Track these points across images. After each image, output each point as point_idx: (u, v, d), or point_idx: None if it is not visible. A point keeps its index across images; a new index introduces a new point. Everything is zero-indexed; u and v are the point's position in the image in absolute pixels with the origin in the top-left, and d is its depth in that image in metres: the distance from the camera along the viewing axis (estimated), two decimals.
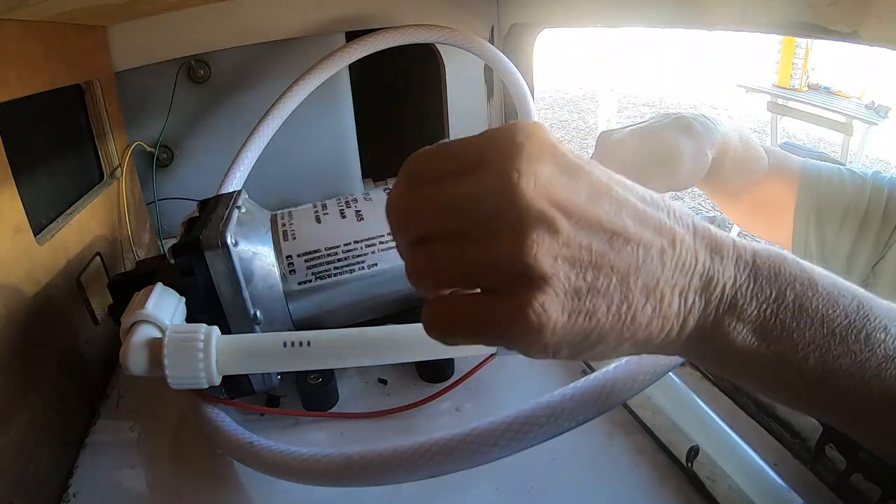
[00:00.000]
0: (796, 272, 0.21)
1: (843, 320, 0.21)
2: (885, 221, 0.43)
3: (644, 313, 0.20)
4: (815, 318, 0.21)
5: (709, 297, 0.21)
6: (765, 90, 2.71)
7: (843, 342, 0.21)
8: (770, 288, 0.21)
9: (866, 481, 0.32)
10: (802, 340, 0.21)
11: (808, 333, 0.21)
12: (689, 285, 0.21)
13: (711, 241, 0.21)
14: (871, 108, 2.39)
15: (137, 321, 0.34)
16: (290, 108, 0.61)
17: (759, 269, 0.21)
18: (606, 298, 0.20)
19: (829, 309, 0.21)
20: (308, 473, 0.33)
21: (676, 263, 0.20)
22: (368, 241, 0.44)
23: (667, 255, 0.20)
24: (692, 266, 0.21)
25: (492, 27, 0.80)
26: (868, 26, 0.35)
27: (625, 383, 0.30)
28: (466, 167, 0.19)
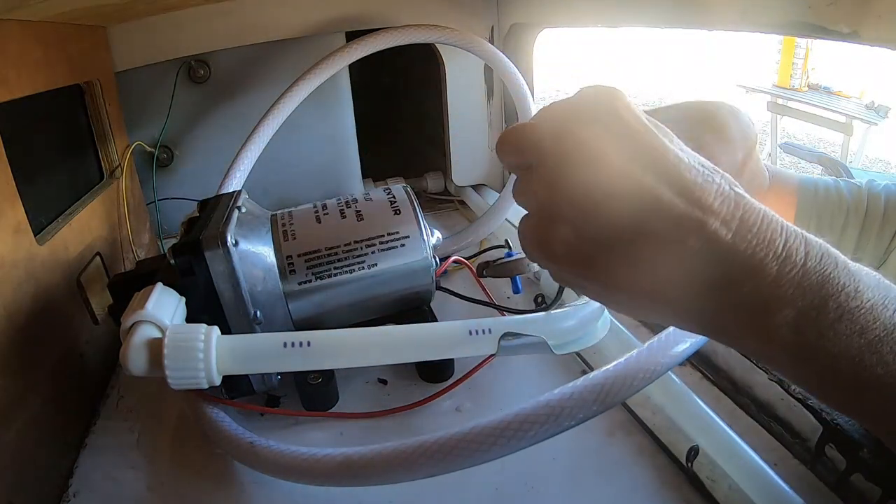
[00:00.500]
0: (845, 281, 0.21)
1: (881, 332, 0.20)
2: (883, 228, 0.44)
3: (647, 278, 0.21)
4: (854, 329, 0.21)
5: (735, 290, 0.21)
6: (765, 90, 2.71)
7: (876, 352, 0.20)
8: (814, 295, 0.21)
9: (866, 481, 0.32)
10: (837, 348, 0.21)
11: (844, 342, 0.21)
12: (714, 274, 0.21)
13: (760, 236, 0.21)
14: (871, 108, 2.40)
15: (137, 321, 0.34)
16: (290, 108, 0.61)
17: (808, 273, 0.21)
18: (607, 247, 0.22)
19: (869, 322, 0.21)
20: (308, 473, 0.33)
21: (703, 246, 0.21)
22: (368, 241, 0.44)
23: (688, 231, 0.21)
24: (720, 257, 0.21)
25: (492, 27, 0.80)
26: (868, 26, 0.35)
27: (624, 382, 0.30)
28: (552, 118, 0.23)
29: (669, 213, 0.21)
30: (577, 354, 0.48)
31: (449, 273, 0.61)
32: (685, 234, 0.21)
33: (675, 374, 0.40)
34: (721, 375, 0.44)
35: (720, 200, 0.21)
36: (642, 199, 0.21)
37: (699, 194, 0.21)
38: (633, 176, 0.21)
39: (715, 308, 0.21)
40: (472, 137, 0.84)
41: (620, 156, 0.21)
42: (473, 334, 0.35)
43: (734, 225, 0.21)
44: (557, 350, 0.34)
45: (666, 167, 0.21)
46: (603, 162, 0.21)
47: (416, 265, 0.45)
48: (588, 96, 0.23)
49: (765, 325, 0.21)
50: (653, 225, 0.21)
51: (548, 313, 0.37)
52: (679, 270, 0.21)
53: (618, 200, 0.21)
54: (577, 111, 0.22)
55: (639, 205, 0.21)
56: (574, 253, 0.22)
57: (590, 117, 0.22)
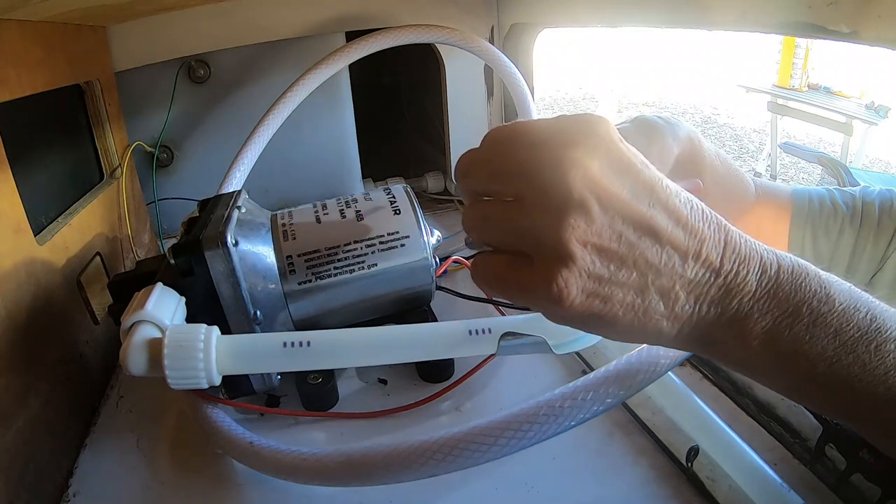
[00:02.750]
0: (816, 288, 0.22)
1: (854, 333, 0.22)
2: (879, 235, 0.44)
3: (656, 310, 0.22)
4: (829, 332, 0.22)
5: (725, 306, 0.22)
6: (765, 90, 2.71)
7: (852, 352, 0.22)
8: (788, 303, 0.22)
9: (866, 481, 0.32)
10: (813, 351, 0.22)
11: (820, 345, 0.22)
12: (707, 294, 0.22)
13: (740, 254, 0.22)
14: (871, 108, 2.39)
15: (137, 321, 0.34)
16: (290, 108, 0.61)
17: (781, 284, 0.22)
18: (623, 289, 0.22)
19: (842, 324, 0.22)
20: (308, 473, 0.33)
21: (698, 271, 0.22)
22: (368, 241, 0.44)
23: (690, 262, 0.22)
24: (712, 277, 0.22)
25: (492, 27, 0.80)
26: (868, 26, 0.35)
27: (624, 382, 0.30)
28: (535, 143, 0.22)
29: (672, 245, 0.22)
30: (577, 354, 0.48)
31: (449, 273, 0.62)
32: (685, 264, 0.22)
33: (675, 374, 0.40)
34: (721, 375, 0.44)
35: (708, 225, 0.22)
36: (647, 233, 0.22)
37: (693, 223, 0.22)
38: (640, 211, 0.21)
39: (708, 323, 0.23)
40: (472, 137, 0.84)
41: (626, 189, 0.21)
42: (473, 334, 0.35)
43: (721, 247, 0.22)
44: (557, 350, 0.34)
45: (662, 198, 0.22)
46: (613, 197, 0.21)
47: (416, 265, 0.45)
48: (579, 125, 0.22)
49: (747, 335, 0.22)
50: (657, 259, 0.22)
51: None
52: (684, 296, 0.22)
53: (627, 238, 0.21)
54: (571, 140, 0.21)
55: (646, 241, 0.22)
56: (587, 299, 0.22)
57: (593, 148, 0.21)
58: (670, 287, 0.22)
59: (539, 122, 0.23)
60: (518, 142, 0.22)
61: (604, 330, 0.23)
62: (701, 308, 0.22)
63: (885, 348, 0.22)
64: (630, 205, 0.21)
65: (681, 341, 0.24)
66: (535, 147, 0.22)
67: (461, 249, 0.65)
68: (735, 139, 4.07)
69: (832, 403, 0.24)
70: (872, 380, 0.22)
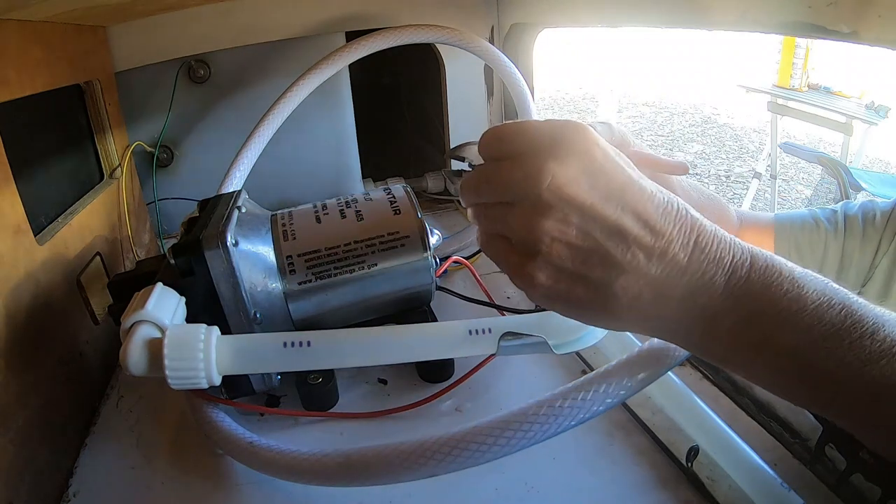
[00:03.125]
0: (788, 287, 0.23)
1: (828, 330, 0.23)
2: (864, 247, 0.46)
3: (619, 303, 0.24)
4: (799, 329, 0.23)
5: (691, 304, 0.24)
6: (765, 90, 2.70)
7: (825, 348, 0.23)
8: (757, 302, 0.23)
9: (866, 481, 0.32)
10: (784, 347, 0.23)
11: (791, 342, 0.23)
12: (672, 292, 0.24)
13: (709, 255, 0.24)
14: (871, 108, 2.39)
15: (137, 321, 0.34)
16: (290, 109, 0.61)
17: (752, 283, 0.24)
18: (585, 281, 0.25)
19: (814, 321, 0.23)
20: (308, 473, 0.33)
21: (664, 270, 0.24)
22: (368, 241, 0.44)
23: (655, 262, 0.24)
24: (679, 275, 0.24)
25: (492, 27, 0.80)
26: (868, 26, 0.35)
27: (623, 381, 0.30)
28: (514, 153, 0.25)
29: (638, 245, 0.24)
30: (577, 354, 0.48)
31: (449, 273, 0.61)
32: (650, 264, 0.24)
33: (675, 374, 0.40)
34: (721, 375, 0.44)
35: (678, 227, 0.24)
36: (614, 234, 0.24)
37: (661, 225, 0.24)
38: (607, 214, 0.24)
39: (679, 318, 0.24)
40: (472, 138, 0.83)
41: (596, 194, 0.24)
42: (473, 334, 0.35)
43: (690, 248, 0.24)
44: (557, 350, 0.34)
45: (632, 202, 0.24)
46: (581, 203, 0.24)
47: (416, 265, 0.45)
48: (560, 133, 0.24)
49: (715, 330, 0.24)
50: (623, 258, 0.24)
51: (548, 313, 0.37)
52: (647, 291, 0.24)
53: (595, 238, 0.24)
54: (547, 150, 0.24)
55: (613, 241, 0.24)
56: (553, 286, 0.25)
57: (565, 156, 0.24)
58: (634, 283, 0.24)
59: (523, 130, 0.25)
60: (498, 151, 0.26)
61: (573, 314, 0.27)
62: (667, 304, 0.24)
63: (860, 344, 0.22)
64: (598, 208, 0.24)
65: (650, 332, 0.26)
66: (518, 158, 0.25)
67: (461, 249, 0.65)
68: (735, 139, 4.07)
69: (811, 397, 0.24)
70: (849, 374, 0.22)
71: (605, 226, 0.24)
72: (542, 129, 0.25)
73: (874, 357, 0.22)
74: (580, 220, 0.24)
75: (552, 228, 0.24)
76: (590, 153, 0.24)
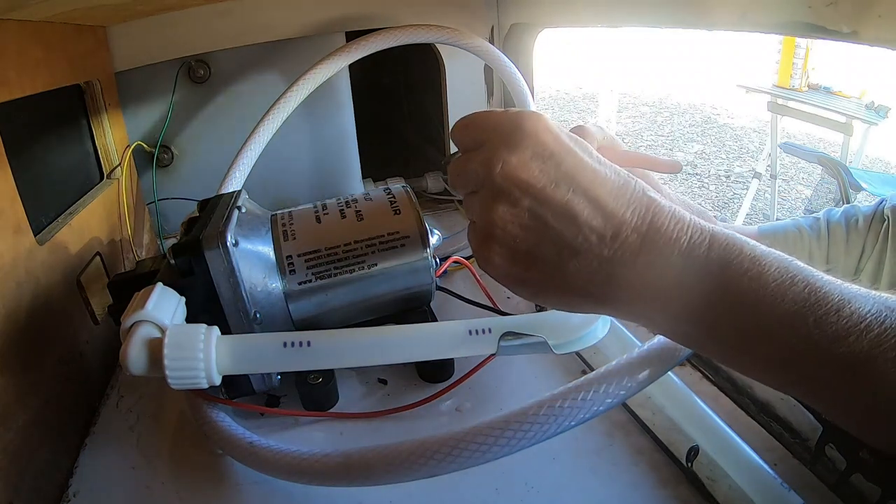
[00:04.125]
0: (748, 266, 0.23)
1: (790, 307, 0.23)
2: (849, 252, 0.47)
3: (575, 282, 0.25)
4: (761, 308, 0.23)
5: (646, 283, 0.24)
6: (765, 90, 2.70)
7: (790, 326, 0.22)
8: (715, 281, 0.23)
9: (866, 481, 0.32)
10: (747, 326, 0.23)
11: (753, 321, 0.23)
12: (626, 272, 0.24)
13: (664, 235, 0.24)
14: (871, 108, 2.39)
15: (137, 321, 0.34)
16: (290, 108, 0.61)
17: (710, 263, 0.24)
18: (541, 261, 0.26)
19: (776, 299, 0.23)
20: (307, 473, 0.33)
21: (616, 251, 0.24)
22: (368, 241, 0.44)
23: (607, 243, 0.24)
24: (631, 256, 0.24)
25: (492, 27, 0.80)
26: (868, 26, 0.35)
27: (622, 381, 0.30)
28: (477, 142, 0.27)
29: (588, 228, 0.24)
30: (577, 354, 0.48)
31: (449, 273, 0.61)
32: (602, 245, 0.24)
33: (675, 374, 0.40)
34: (721, 375, 0.44)
35: (632, 209, 0.24)
36: (565, 216, 0.24)
37: (613, 207, 0.24)
38: (557, 197, 0.24)
39: (638, 299, 0.25)
40: None
41: (545, 178, 0.25)
42: (473, 334, 0.35)
43: (644, 229, 0.24)
44: (557, 350, 0.34)
45: (584, 184, 0.25)
46: (530, 186, 0.25)
47: (416, 265, 0.45)
48: (513, 122, 0.26)
49: (675, 310, 0.24)
50: (574, 239, 0.24)
51: (547, 313, 0.37)
52: (601, 273, 0.25)
53: (546, 220, 0.25)
54: (500, 139, 0.25)
55: (563, 223, 0.25)
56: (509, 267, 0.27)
57: (516, 143, 0.25)
58: (588, 264, 0.25)
59: (483, 120, 0.27)
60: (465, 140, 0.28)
61: (532, 296, 0.28)
62: (621, 283, 0.25)
63: (826, 320, 0.22)
64: (548, 191, 0.24)
65: (615, 314, 0.27)
66: (478, 147, 0.27)
67: (461, 249, 0.65)
68: (735, 139, 4.07)
69: (780, 377, 0.24)
70: (816, 351, 0.22)
71: (555, 208, 0.24)
72: (500, 118, 0.26)
73: (841, 334, 0.22)
74: (531, 203, 0.25)
75: (505, 212, 0.25)
76: (540, 139, 0.25)
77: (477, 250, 0.28)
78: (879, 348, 0.22)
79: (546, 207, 0.25)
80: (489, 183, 0.26)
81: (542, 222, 0.25)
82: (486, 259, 0.27)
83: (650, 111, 4.76)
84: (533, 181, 0.25)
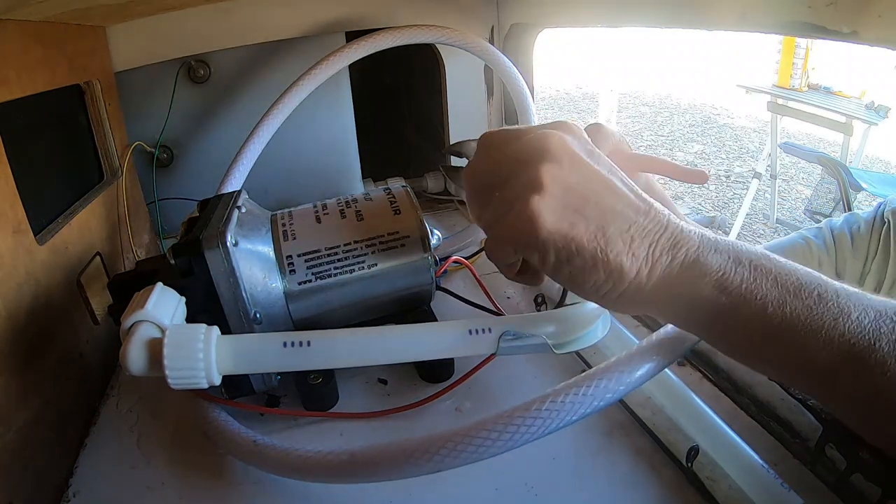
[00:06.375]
0: (753, 249, 0.26)
1: (796, 280, 0.25)
2: (856, 255, 0.49)
3: (615, 244, 0.26)
4: (770, 276, 0.25)
5: (675, 254, 0.26)
6: (765, 90, 2.70)
7: (797, 297, 0.24)
8: (729, 253, 0.26)
9: (866, 481, 0.32)
10: (760, 291, 0.25)
11: (765, 286, 0.25)
12: (658, 242, 0.27)
13: (681, 219, 0.27)
14: (871, 108, 2.39)
15: (137, 321, 0.34)
16: (289, 109, 0.61)
17: (719, 242, 0.27)
18: (587, 220, 0.27)
19: (781, 273, 0.25)
20: (313, 470, 0.33)
21: (648, 222, 0.27)
22: (368, 241, 0.44)
23: (640, 214, 0.27)
24: (662, 228, 0.27)
25: (492, 27, 0.80)
26: (868, 26, 0.35)
27: (621, 378, 0.30)
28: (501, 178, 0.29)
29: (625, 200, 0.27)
30: (577, 354, 0.48)
31: (449, 273, 0.61)
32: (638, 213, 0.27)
33: (675, 375, 0.40)
34: (721, 375, 0.44)
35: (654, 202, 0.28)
36: (608, 188, 0.27)
37: (643, 195, 0.27)
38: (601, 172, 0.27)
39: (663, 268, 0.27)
40: (472, 137, 0.84)
41: (589, 156, 0.28)
42: (473, 334, 0.35)
43: (667, 213, 0.27)
44: (557, 350, 0.34)
45: (619, 174, 0.28)
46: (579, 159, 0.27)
47: (416, 265, 0.45)
48: (542, 139, 0.28)
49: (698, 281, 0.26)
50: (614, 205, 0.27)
51: (547, 313, 0.37)
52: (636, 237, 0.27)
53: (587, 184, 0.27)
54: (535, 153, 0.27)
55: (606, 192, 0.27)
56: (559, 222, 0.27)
57: (563, 129, 0.28)
58: (626, 229, 0.26)
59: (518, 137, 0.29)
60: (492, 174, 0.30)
61: (572, 261, 0.27)
62: (654, 252, 0.26)
63: (827, 296, 0.24)
64: (592, 167, 0.27)
65: (641, 288, 0.27)
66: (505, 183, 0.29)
67: (461, 249, 0.65)
68: (735, 139, 4.07)
69: (784, 359, 0.25)
70: (820, 327, 0.23)
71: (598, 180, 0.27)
72: (520, 147, 0.29)
73: (844, 311, 0.24)
74: (580, 170, 0.27)
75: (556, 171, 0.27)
76: (581, 134, 0.29)
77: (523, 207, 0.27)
78: (880, 329, 0.23)
79: (593, 176, 0.27)
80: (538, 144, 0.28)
81: (587, 186, 0.27)
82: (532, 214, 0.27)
83: (650, 111, 4.76)
84: (582, 154, 0.28)
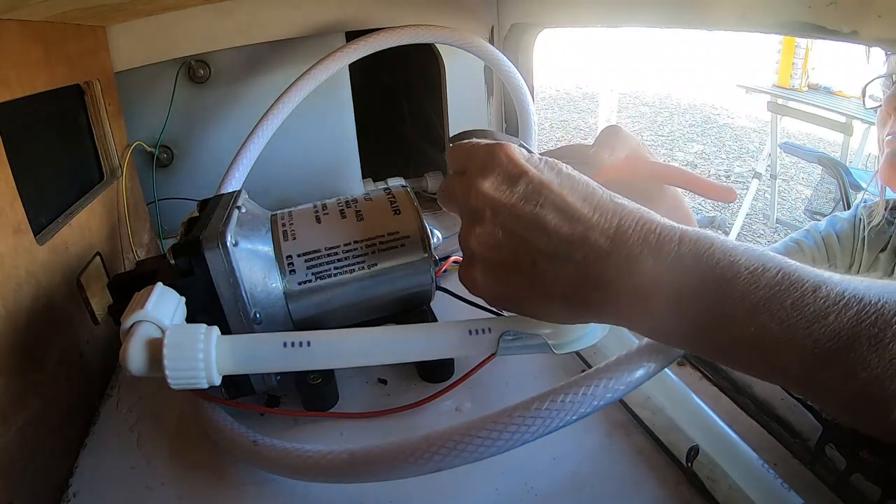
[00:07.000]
0: (719, 257, 0.24)
1: (765, 293, 0.23)
2: (844, 254, 0.50)
3: (553, 288, 0.27)
4: (735, 296, 0.23)
5: (622, 282, 0.25)
6: (765, 90, 2.70)
7: (766, 311, 0.23)
8: (689, 274, 0.24)
9: (866, 481, 0.32)
10: (725, 314, 0.24)
11: (730, 309, 0.23)
12: (601, 273, 0.25)
13: (635, 233, 0.25)
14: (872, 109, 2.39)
15: (137, 321, 0.34)
16: (289, 109, 0.61)
17: (682, 258, 0.24)
18: (520, 273, 0.27)
19: (749, 286, 0.23)
20: (312, 470, 0.33)
21: (587, 255, 0.26)
22: (368, 241, 0.44)
23: (577, 248, 0.26)
24: (603, 261, 0.25)
25: (492, 27, 0.80)
26: (868, 26, 0.35)
27: (621, 378, 0.30)
28: (462, 168, 0.31)
29: (558, 234, 0.26)
30: (577, 354, 0.48)
31: (449, 273, 0.61)
32: (572, 250, 0.26)
33: (675, 375, 0.40)
34: (721, 375, 0.44)
35: (598, 214, 0.26)
36: (535, 227, 0.26)
37: (578, 213, 0.26)
38: (526, 210, 0.27)
39: (612, 298, 0.26)
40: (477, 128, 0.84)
41: (514, 196, 0.27)
42: (473, 334, 0.35)
43: (611, 231, 0.25)
44: (557, 350, 0.34)
45: (550, 197, 0.27)
46: (501, 204, 0.27)
47: (416, 265, 0.45)
48: (487, 151, 0.29)
49: (654, 306, 0.25)
50: (547, 246, 0.26)
51: None
52: (577, 276, 0.26)
53: (518, 233, 0.27)
54: (473, 168, 0.29)
55: (534, 233, 0.27)
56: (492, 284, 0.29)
57: (489, 170, 0.28)
58: (563, 267, 0.26)
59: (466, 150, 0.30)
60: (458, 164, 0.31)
61: (521, 307, 0.29)
62: (597, 284, 0.26)
63: (802, 302, 0.22)
64: (518, 207, 0.27)
65: (597, 316, 0.27)
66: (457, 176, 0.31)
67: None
68: (735, 139, 4.07)
69: (765, 366, 0.24)
70: (795, 335, 0.22)
71: (525, 221, 0.27)
72: (477, 149, 0.29)
73: (820, 314, 0.22)
74: (503, 220, 0.27)
75: (480, 232, 0.28)
76: (509, 164, 0.28)
77: (463, 275, 0.30)
78: (860, 325, 0.22)
79: (517, 221, 0.27)
80: (466, 206, 0.29)
81: (515, 236, 0.27)
82: (470, 280, 0.30)
83: (650, 111, 4.76)
84: (504, 199, 0.27)
